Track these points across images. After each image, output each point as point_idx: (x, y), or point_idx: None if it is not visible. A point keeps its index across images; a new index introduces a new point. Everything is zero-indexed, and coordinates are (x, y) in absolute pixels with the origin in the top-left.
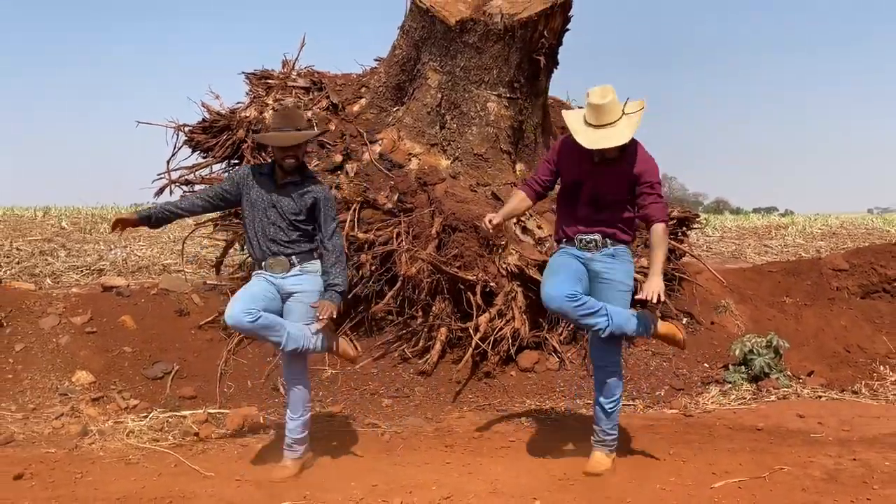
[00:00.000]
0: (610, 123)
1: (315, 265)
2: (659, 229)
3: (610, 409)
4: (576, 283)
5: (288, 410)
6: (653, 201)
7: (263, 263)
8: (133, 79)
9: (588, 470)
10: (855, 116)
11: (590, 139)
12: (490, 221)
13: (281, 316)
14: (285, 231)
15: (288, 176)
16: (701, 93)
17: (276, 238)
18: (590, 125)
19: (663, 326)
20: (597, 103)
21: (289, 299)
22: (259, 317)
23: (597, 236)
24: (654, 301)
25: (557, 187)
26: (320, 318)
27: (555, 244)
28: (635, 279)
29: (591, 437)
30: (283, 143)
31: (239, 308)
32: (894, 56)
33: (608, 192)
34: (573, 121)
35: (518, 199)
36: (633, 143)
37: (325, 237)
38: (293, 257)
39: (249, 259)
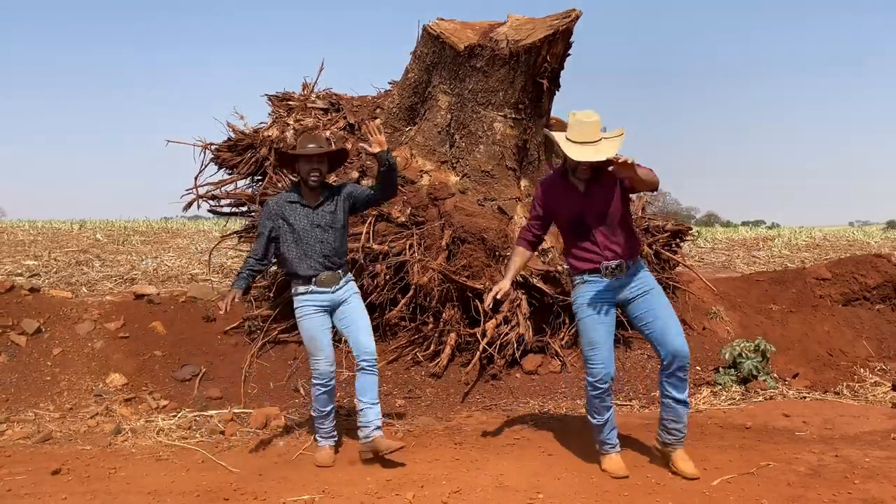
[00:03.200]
0: (593, 142)
1: (351, 275)
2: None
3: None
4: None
5: (364, 399)
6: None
7: (315, 279)
8: (164, 98)
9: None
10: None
11: (577, 153)
12: (499, 293)
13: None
14: (332, 245)
15: (318, 196)
16: (692, 112)
17: (326, 253)
18: (574, 142)
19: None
20: (583, 121)
21: (340, 307)
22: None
23: (621, 261)
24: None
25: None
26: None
27: (574, 280)
28: None
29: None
30: (313, 153)
31: (326, 368)
32: (877, 78)
33: (614, 211)
34: (559, 138)
35: (519, 257)
36: (605, 161)
37: (369, 190)
38: (340, 270)
39: (271, 270)
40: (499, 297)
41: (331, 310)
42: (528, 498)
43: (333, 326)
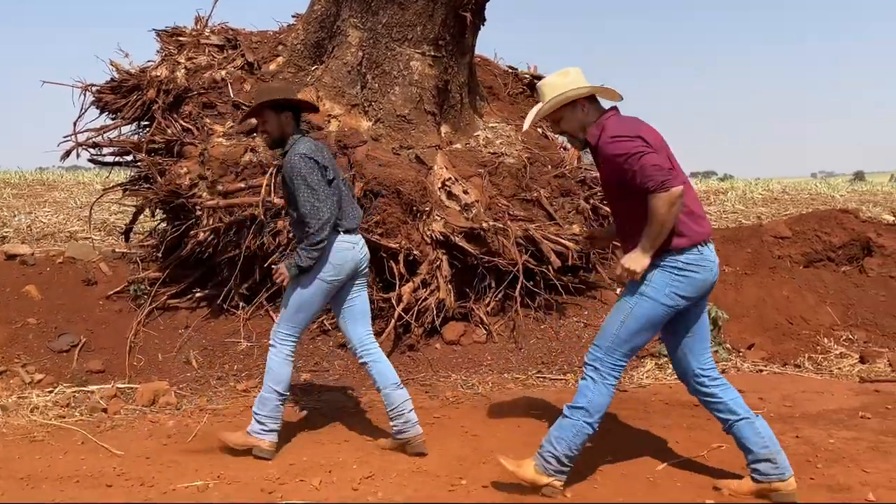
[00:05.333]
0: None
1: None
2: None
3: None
4: None
5: (387, 383)
6: (638, 180)
7: None
8: (38, 35)
9: None
10: (801, 76)
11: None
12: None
13: None
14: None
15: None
16: (630, 45)
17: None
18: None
19: None
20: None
21: None
22: None
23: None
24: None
25: None
26: (275, 277)
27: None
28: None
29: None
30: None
31: None
32: (849, 17)
33: (608, 193)
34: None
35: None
36: (602, 129)
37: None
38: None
39: (160, 227)
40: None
41: None
42: (449, 484)
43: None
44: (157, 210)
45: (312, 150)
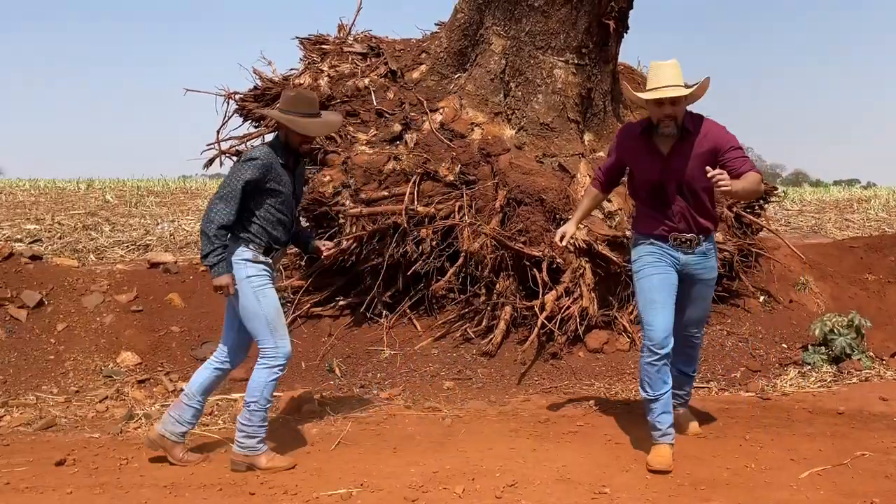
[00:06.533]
0: (670, 86)
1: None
2: (752, 175)
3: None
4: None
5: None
6: (743, 164)
7: (275, 253)
8: (183, 44)
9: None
10: None
11: (650, 94)
12: (564, 238)
13: None
14: (295, 219)
15: (298, 165)
16: (775, 56)
17: (291, 228)
18: (649, 90)
19: None
20: (659, 64)
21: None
22: None
23: (693, 235)
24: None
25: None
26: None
27: (636, 239)
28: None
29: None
30: (319, 133)
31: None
32: None
33: (698, 181)
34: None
35: (589, 199)
36: (700, 120)
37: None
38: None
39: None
40: (563, 242)
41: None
42: (592, 492)
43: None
44: (301, 218)
45: None
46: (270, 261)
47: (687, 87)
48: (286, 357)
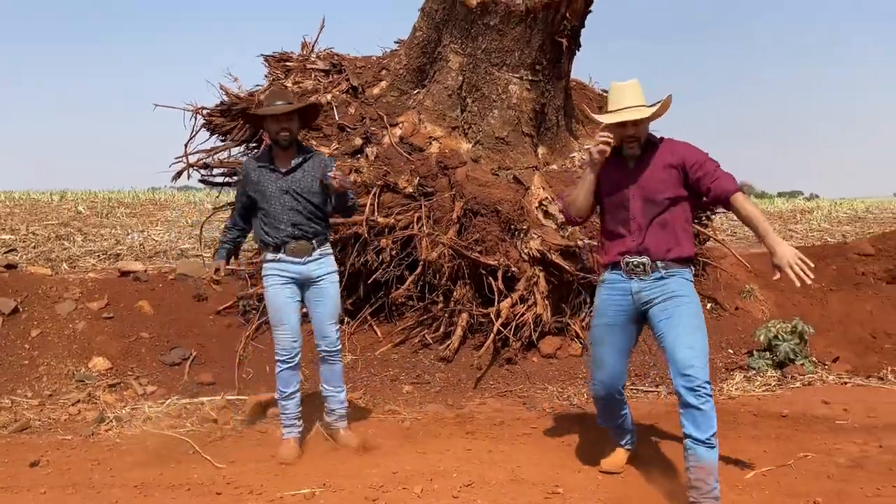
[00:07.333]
0: (631, 107)
1: (330, 248)
2: (741, 198)
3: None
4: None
5: (328, 386)
6: (718, 176)
7: (284, 248)
8: (151, 60)
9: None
10: (882, 98)
11: (612, 117)
12: None
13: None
14: (303, 213)
15: (290, 158)
16: (720, 69)
17: (296, 222)
18: (609, 112)
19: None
20: (619, 84)
21: (313, 285)
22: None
23: (647, 260)
24: (798, 271)
25: None
26: (334, 177)
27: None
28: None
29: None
30: (276, 112)
31: (289, 343)
32: None
33: (662, 202)
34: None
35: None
36: (661, 140)
37: (328, 195)
38: (314, 240)
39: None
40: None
41: (301, 283)
42: (545, 492)
43: (303, 303)
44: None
45: None
46: (283, 258)
47: (648, 106)
48: (283, 350)
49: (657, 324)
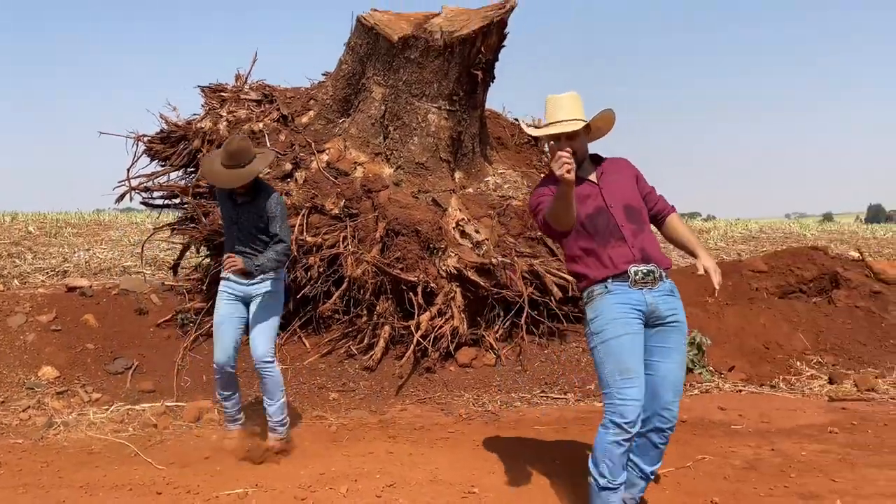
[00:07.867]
0: (568, 120)
1: (275, 272)
2: (678, 216)
3: None
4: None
5: (263, 397)
6: (658, 194)
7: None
8: (96, 90)
9: None
10: (772, 124)
11: (545, 130)
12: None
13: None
14: (247, 243)
15: (241, 197)
16: (622, 95)
17: (242, 251)
18: (546, 125)
19: None
20: (555, 97)
21: (251, 303)
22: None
23: (654, 267)
24: (718, 277)
25: None
26: (226, 265)
27: (590, 293)
28: None
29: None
30: (228, 186)
31: (220, 357)
32: (822, 70)
33: (636, 205)
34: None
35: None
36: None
37: (273, 239)
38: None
39: (204, 263)
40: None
41: (245, 302)
42: (462, 492)
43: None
44: (202, 247)
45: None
46: (231, 276)
47: (583, 120)
48: (216, 362)
49: (652, 347)
